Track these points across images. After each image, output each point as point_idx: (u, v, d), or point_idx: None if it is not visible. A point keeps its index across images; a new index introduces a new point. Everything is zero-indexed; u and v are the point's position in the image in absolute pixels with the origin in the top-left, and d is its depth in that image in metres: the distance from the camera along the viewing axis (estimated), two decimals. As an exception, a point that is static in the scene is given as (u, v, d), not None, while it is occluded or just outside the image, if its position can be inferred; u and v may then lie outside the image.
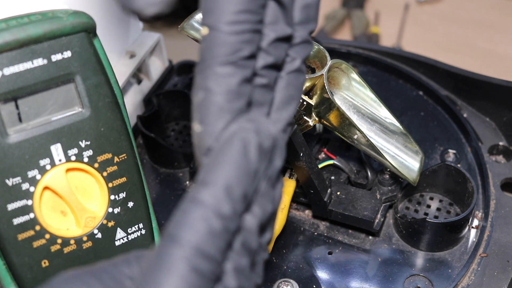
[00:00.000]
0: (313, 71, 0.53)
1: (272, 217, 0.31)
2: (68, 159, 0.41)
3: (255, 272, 0.31)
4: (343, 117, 0.50)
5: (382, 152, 0.51)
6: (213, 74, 0.30)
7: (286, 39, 0.32)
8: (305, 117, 0.52)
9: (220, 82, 0.30)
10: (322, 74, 0.50)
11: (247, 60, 0.30)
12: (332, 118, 0.51)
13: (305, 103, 0.52)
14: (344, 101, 0.53)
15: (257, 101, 0.32)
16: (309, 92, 0.52)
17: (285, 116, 0.33)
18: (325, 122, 0.52)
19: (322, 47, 0.53)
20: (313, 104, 0.51)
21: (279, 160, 0.31)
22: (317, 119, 0.52)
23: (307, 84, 0.51)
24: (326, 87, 0.50)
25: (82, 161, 0.42)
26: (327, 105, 0.51)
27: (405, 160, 0.53)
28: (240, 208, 0.29)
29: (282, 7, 0.32)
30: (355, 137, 0.51)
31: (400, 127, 0.53)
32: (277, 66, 0.32)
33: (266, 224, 0.31)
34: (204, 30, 0.30)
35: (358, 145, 0.52)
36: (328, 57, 0.51)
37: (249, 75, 0.31)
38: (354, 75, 0.53)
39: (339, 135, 0.52)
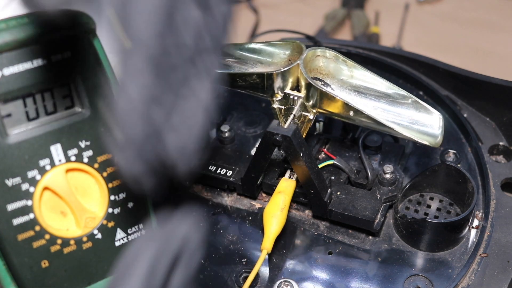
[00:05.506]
0: None
1: None
2: (68, 160, 0.41)
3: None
4: (334, 99, 0.50)
5: (393, 126, 0.49)
6: None
7: None
8: (303, 113, 0.52)
9: None
10: (298, 63, 0.50)
11: None
12: (325, 104, 0.50)
13: (296, 98, 0.51)
14: (342, 86, 0.53)
15: None
16: (297, 87, 0.52)
17: None
18: (322, 110, 0.51)
19: (298, 41, 0.53)
20: (302, 96, 0.51)
21: None
22: (314, 110, 0.52)
23: (290, 79, 0.51)
24: (303, 73, 0.50)
25: (82, 162, 0.41)
26: (313, 92, 0.50)
27: (422, 126, 0.50)
28: None
29: None
30: (362, 118, 0.50)
31: (407, 94, 0.51)
32: None
33: None
34: None
35: (368, 125, 0.50)
36: (304, 47, 0.52)
37: None
38: (344, 58, 0.52)
39: (346, 120, 0.51)
